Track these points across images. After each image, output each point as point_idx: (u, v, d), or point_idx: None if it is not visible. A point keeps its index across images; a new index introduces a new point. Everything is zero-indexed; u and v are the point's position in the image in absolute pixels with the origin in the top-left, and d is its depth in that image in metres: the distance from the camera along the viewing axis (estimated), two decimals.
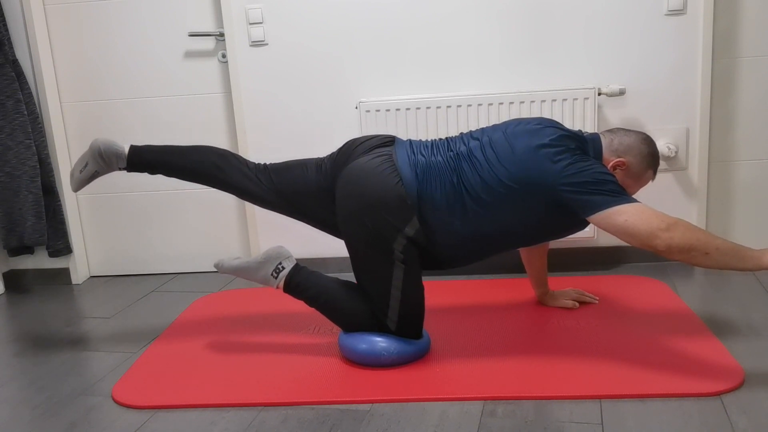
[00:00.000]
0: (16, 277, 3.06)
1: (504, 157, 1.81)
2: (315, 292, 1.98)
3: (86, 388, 1.98)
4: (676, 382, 1.72)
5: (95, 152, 2.05)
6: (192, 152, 2.06)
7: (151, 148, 2.08)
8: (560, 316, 2.19)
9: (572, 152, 1.79)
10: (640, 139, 1.93)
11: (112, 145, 2.05)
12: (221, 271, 2.03)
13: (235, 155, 2.08)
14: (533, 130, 1.85)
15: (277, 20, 2.69)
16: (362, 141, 1.97)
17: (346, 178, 1.90)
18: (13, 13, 2.80)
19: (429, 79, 2.66)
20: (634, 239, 1.68)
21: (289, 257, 2.01)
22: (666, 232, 1.64)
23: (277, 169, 2.05)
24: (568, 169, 1.76)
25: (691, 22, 2.49)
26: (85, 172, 2.09)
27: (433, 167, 1.86)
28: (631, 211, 1.69)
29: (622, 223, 1.69)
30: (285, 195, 2.02)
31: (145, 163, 2.07)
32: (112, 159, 2.06)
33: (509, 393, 1.74)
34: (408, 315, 1.91)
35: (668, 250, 1.65)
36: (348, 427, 1.66)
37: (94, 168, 2.07)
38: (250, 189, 2.04)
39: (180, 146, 2.09)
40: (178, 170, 2.06)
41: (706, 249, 1.63)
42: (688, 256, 1.64)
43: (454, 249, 1.89)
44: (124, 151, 2.06)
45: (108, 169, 2.08)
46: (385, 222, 1.84)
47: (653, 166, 1.95)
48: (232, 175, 2.04)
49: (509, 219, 1.83)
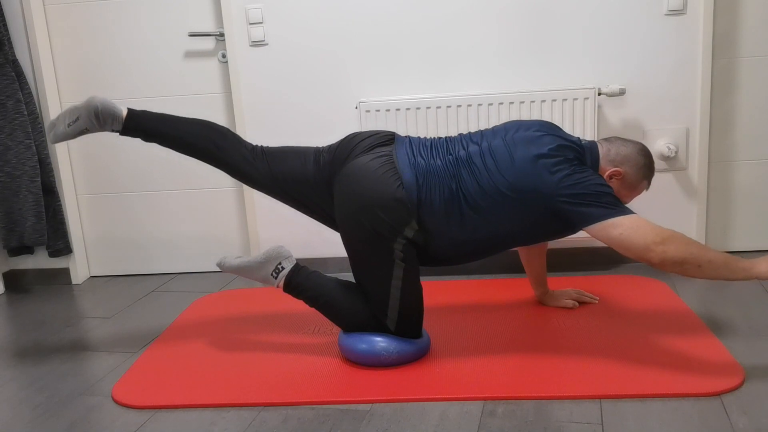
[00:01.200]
0: (16, 277, 3.06)
1: (503, 165, 1.82)
2: (315, 292, 1.98)
3: (86, 388, 1.98)
4: (676, 382, 1.72)
5: (91, 109, 1.95)
6: (190, 125, 2.02)
7: (149, 115, 2.01)
8: (560, 316, 2.19)
9: (570, 163, 1.81)
10: (636, 150, 1.94)
11: (111, 105, 1.97)
12: (223, 269, 2.04)
13: (234, 134, 2.05)
14: (532, 138, 1.85)
15: (277, 20, 2.69)
16: (363, 138, 1.96)
17: (346, 176, 1.90)
18: (13, 13, 2.80)
19: (429, 79, 2.66)
20: (629, 252, 1.71)
21: (289, 257, 2.01)
22: (660, 245, 1.67)
23: (274, 154, 2.02)
24: (566, 181, 1.77)
25: (691, 22, 2.49)
26: (74, 126, 1.97)
27: (433, 172, 1.86)
28: (626, 224, 1.72)
29: (617, 236, 1.72)
30: (281, 182, 2.00)
31: (141, 129, 2.00)
32: (108, 120, 1.97)
33: (509, 393, 1.74)
34: (407, 314, 1.91)
35: (662, 263, 1.68)
36: (348, 427, 1.66)
37: (84, 125, 1.97)
38: (246, 171, 2.01)
39: (179, 117, 2.03)
40: (174, 142, 2.01)
41: (699, 262, 1.66)
42: (681, 269, 1.68)
43: (451, 250, 1.90)
44: (122, 114, 1.98)
45: (99, 129, 1.98)
46: (384, 223, 1.84)
47: (648, 177, 1.98)
48: (229, 154, 2.01)
49: (505, 225, 1.84)
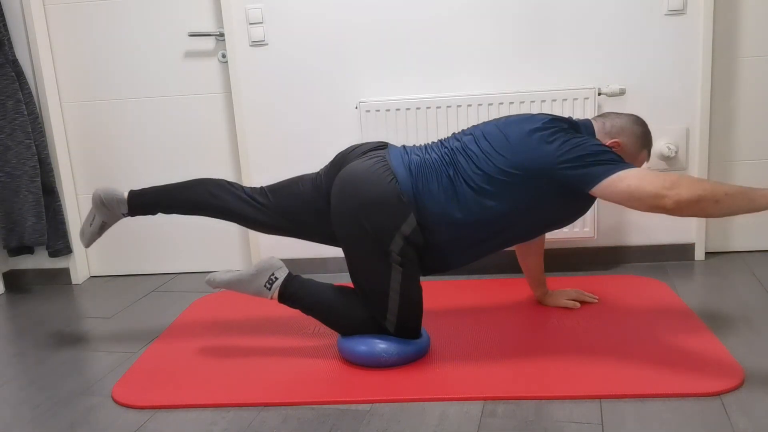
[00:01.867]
0: (16, 277, 3.06)
1: (499, 145, 1.83)
2: (310, 300, 1.98)
3: (86, 388, 1.98)
4: (676, 382, 1.72)
5: (97, 202, 2.14)
6: (189, 188, 2.12)
7: (148, 191, 2.15)
8: (560, 316, 2.19)
9: (565, 131, 1.82)
10: (631, 120, 1.96)
11: (112, 191, 2.14)
12: (213, 286, 2.03)
13: (231, 182, 2.13)
14: (525, 118, 1.89)
15: (277, 20, 2.69)
16: (353, 148, 2.00)
17: (340, 181, 1.90)
18: (13, 13, 2.80)
19: (429, 79, 2.66)
20: (641, 203, 1.65)
21: (281, 267, 2.00)
22: (671, 189, 1.61)
23: (273, 188, 2.10)
24: (564, 147, 1.77)
25: (691, 22, 2.49)
26: (93, 225, 2.18)
27: (428, 163, 1.87)
28: (632, 175, 1.68)
29: (625, 188, 1.67)
30: (283, 213, 2.05)
31: (145, 204, 2.14)
32: (114, 204, 2.14)
33: (509, 393, 1.74)
34: (407, 316, 1.91)
35: (677, 206, 1.61)
36: (348, 427, 1.66)
37: (100, 219, 2.17)
38: (248, 213, 2.07)
39: (176, 183, 2.15)
40: (177, 206, 2.13)
41: (716, 197, 1.59)
42: (698, 208, 1.60)
43: (453, 244, 1.88)
44: (124, 196, 2.14)
45: (114, 218, 2.17)
46: (381, 221, 1.83)
47: (647, 145, 1.98)
48: (228, 201, 2.08)
49: (510, 206, 1.82)
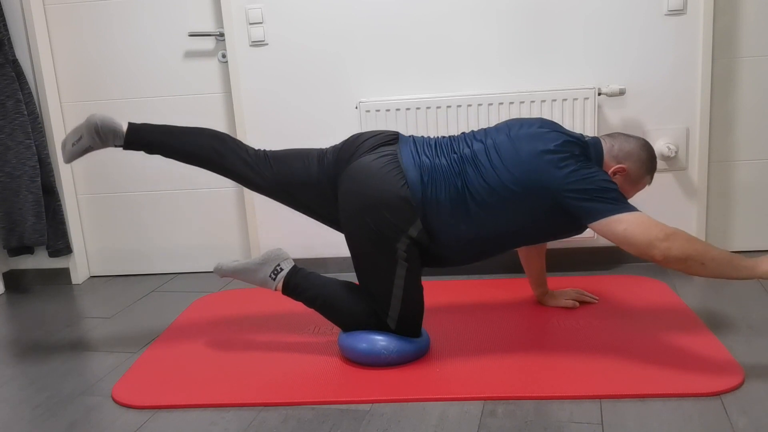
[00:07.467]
0: (16, 277, 3.06)
1: (509, 161, 1.83)
2: (313, 293, 1.98)
3: (86, 388, 1.98)
4: (675, 382, 1.72)
5: (91, 127, 1.98)
6: (191, 135, 2.02)
7: (150, 128, 2.02)
8: (560, 316, 2.19)
9: (576, 159, 1.81)
10: (639, 146, 1.96)
11: (110, 121, 1.98)
12: (220, 273, 2.03)
13: (236, 140, 2.05)
14: (537, 135, 1.85)
15: (277, 20, 2.69)
16: (367, 138, 1.96)
17: (350, 176, 1.90)
18: (13, 13, 2.80)
19: (429, 79, 2.66)
20: (633, 248, 1.72)
21: (287, 259, 2.01)
22: (664, 242, 1.68)
23: (277, 157, 2.02)
24: (573, 176, 1.78)
25: (691, 22, 2.49)
26: (78, 145, 2.02)
27: (438, 170, 1.86)
28: (631, 220, 1.72)
29: (621, 231, 1.72)
30: (285, 185, 2.00)
31: (142, 142, 2.01)
32: (109, 135, 1.99)
33: (509, 393, 1.74)
34: (408, 313, 1.91)
35: (665, 259, 1.68)
36: (348, 427, 1.66)
37: (88, 143, 2.00)
38: (249, 177, 2.01)
39: (179, 127, 2.04)
40: (176, 152, 2.02)
41: (702, 260, 1.66)
42: (684, 266, 1.68)
43: (456, 249, 1.90)
44: (122, 129, 2.00)
45: (102, 145, 2.01)
46: (388, 222, 1.84)
47: (651, 171, 2.00)
48: (232, 161, 2.01)
49: (512, 221, 1.84)
